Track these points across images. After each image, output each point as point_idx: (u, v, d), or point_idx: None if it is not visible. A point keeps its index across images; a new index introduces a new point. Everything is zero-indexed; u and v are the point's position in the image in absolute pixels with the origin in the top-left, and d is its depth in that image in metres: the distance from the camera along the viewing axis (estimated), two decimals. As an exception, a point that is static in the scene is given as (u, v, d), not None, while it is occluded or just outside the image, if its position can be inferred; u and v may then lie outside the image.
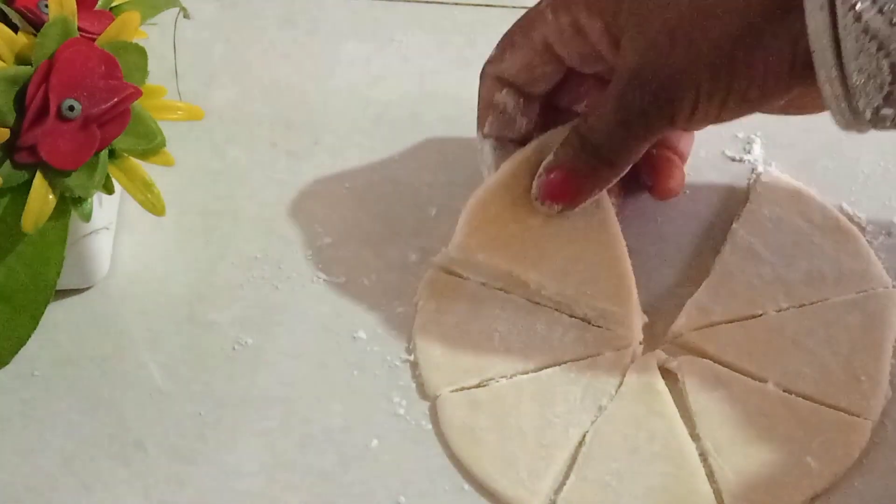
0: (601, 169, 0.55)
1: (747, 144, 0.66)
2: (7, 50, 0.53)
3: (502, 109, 0.58)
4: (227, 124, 0.68)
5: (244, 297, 0.61)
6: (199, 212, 0.64)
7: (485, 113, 0.59)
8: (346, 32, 0.72)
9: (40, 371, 0.59)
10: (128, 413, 0.58)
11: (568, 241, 0.58)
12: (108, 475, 0.56)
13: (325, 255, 0.63)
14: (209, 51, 0.71)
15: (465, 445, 0.56)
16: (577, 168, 0.55)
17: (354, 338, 0.60)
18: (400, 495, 0.55)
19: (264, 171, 0.66)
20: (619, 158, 0.55)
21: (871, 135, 0.65)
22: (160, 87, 0.57)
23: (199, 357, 0.59)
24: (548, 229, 0.58)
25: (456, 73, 0.70)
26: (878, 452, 0.55)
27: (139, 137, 0.55)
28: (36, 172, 0.53)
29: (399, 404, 0.58)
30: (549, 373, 0.57)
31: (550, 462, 0.55)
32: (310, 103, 0.69)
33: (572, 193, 0.56)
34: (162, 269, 0.62)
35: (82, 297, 0.61)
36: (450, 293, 0.60)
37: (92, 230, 0.58)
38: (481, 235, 0.58)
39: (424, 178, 0.65)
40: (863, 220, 0.62)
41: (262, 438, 0.57)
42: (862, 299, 0.59)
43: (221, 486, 0.55)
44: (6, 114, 0.52)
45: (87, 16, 0.55)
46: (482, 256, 0.58)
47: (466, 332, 0.59)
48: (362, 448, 0.56)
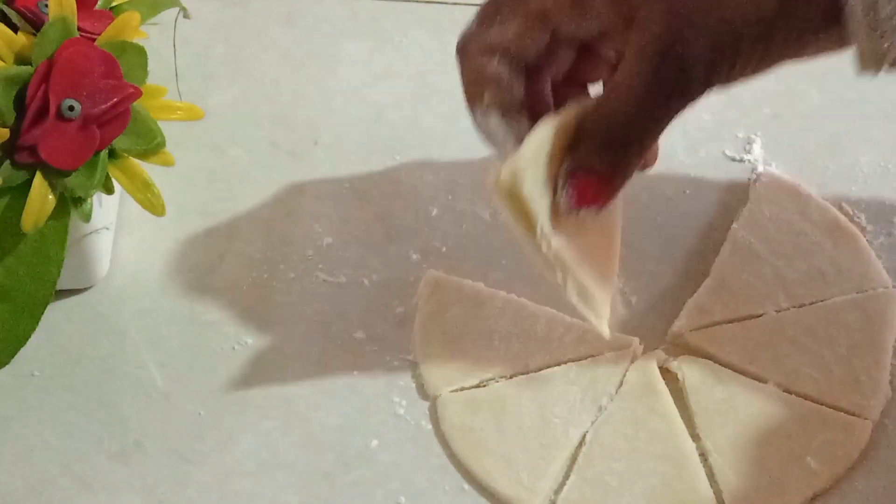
0: (630, 154, 0.50)
1: (747, 144, 0.66)
2: (7, 50, 0.53)
3: (498, 80, 0.53)
4: (227, 124, 0.68)
5: (244, 297, 0.61)
6: (199, 212, 0.64)
7: (476, 88, 0.54)
8: (346, 32, 0.72)
9: (40, 371, 0.59)
10: (128, 413, 0.58)
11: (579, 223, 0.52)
12: (108, 475, 0.56)
13: (325, 255, 0.63)
14: (209, 51, 0.71)
15: (465, 445, 0.56)
16: (604, 162, 0.51)
17: (354, 338, 0.60)
18: (400, 495, 0.55)
19: (264, 171, 0.66)
20: (649, 137, 0.50)
21: (872, 135, 0.65)
22: (160, 87, 0.57)
23: (199, 357, 0.59)
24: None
25: (456, 73, 0.69)
26: (878, 452, 0.55)
27: (139, 137, 0.55)
28: (36, 172, 0.53)
29: (399, 404, 0.58)
30: (548, 373, 0.57)
31: (550, 462, 0.55)
32: (310, 103, 0.69)
33: (606, 191, 0.51)
34: (162, 269, 0.62)
35: (82, 297, 0.61)
36: (450, 293, 0.60)
37: (92, 230, 0.58)
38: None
39: (424, 178, 0.65)
40: (863, 220, 0.62)
41: (262, 438, 0.57)
42: (862, 299, 0.59)
43: (221, 486, 0.55)
44: (6, 114, 0.52)
45: (87, 16, 0.55)
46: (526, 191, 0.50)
47: (466, 332, 0.59)
48: (362, 448, 0.56)
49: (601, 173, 0.50)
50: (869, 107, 0.67)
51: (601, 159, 0.50)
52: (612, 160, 0.51)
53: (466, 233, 0.63)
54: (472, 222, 0.64)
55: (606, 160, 0.50)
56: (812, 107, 0.67)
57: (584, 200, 0.51)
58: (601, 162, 0.50)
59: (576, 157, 0.51)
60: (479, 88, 0.54)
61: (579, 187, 0.51)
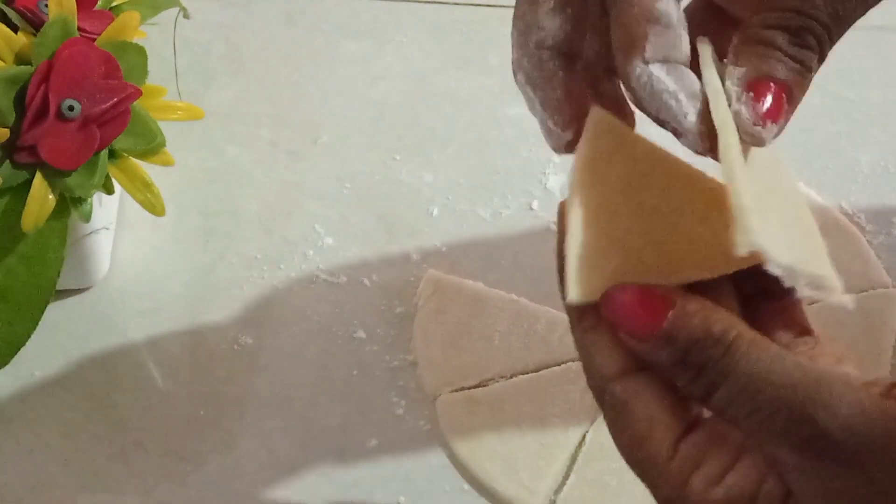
0: (810, 59, 0.41)
1: (747, 144, 0.66)
2: (7, 50, 0.53)
3: (666, 23, 0.41)
4: (227, 124, 0.68)
5: (244, 297, 0.61)
6: (199, 212, 0.64)
7: (640, 32, 0.41)
8: (346, 32, 0.72)
9: (40, 371, 0.59)
10: (128, 413, 0.58)
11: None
12: (108, 475, 0.56)
13: (325, 255, 0.63)
14: (209, 51, 0.71)
15: (465, 445, 0.56)
16: (783, 67, 0.40)
17: (354, 338, 0.60)
18: (400, 495, 0.55)
19: (264, 171, 0.66)
20: (834, 39, 0.41)
21: (872, 135, 0.65)
22: (160, 87, 0.57)
23: (199, 357, 0.59)
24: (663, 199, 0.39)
25: (456, 73, 0.70)
26: (877, 452, 0.55)
27: (139, 137, 0.55)
28: (36, 172, 0.53)
29: (399, 404, 0.58)
30: (548, 373, 0.57)
31: (550, 462, 0.55)
32: (310, 103, 0.69)
33: (789, 103, 0.40)
34: (162, 269, 0.62)
35: (82, 297, 0.61)
36: (450, 293, 0.60)
37: (92, 230, 0.58)
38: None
39: (424, 178, 0.65)
40: (863, 219, 0.62)
41: (262, 438, 0.57)
42: (862, 299, 0.59)
43: (221, 486, 0.55)
44: (6, 114, 0.52)
45: (87, 16, 0.55)
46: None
47: (466, 332, 0.59)
48: (362, 448, 0.56)
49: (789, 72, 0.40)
50: (869, 107, 0.67)
51: (788, 54, 0.40)
52: (799, 57, 0.40)
53: (466, 233, 0.63)
54: (472, 222, 0.64)
55: (797, 54, 0.40)
56: (812, 107, 0.67)
57: (772, 113, 0.40)
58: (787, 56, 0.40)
59: (751, 60, 0.40)
60: (643, 31, 0.41)
61: (761, 95, 0.40)
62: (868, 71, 0.69)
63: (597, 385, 0.39)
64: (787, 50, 0.40)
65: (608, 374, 0.39)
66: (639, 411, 0.38)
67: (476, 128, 0.67)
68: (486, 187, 0.65)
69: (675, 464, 0.37)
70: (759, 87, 0.40)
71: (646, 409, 0.38)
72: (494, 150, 0.67)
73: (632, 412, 0.38)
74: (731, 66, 0.40)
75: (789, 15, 0.40)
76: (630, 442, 0.38)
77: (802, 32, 0.40)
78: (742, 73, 0.40)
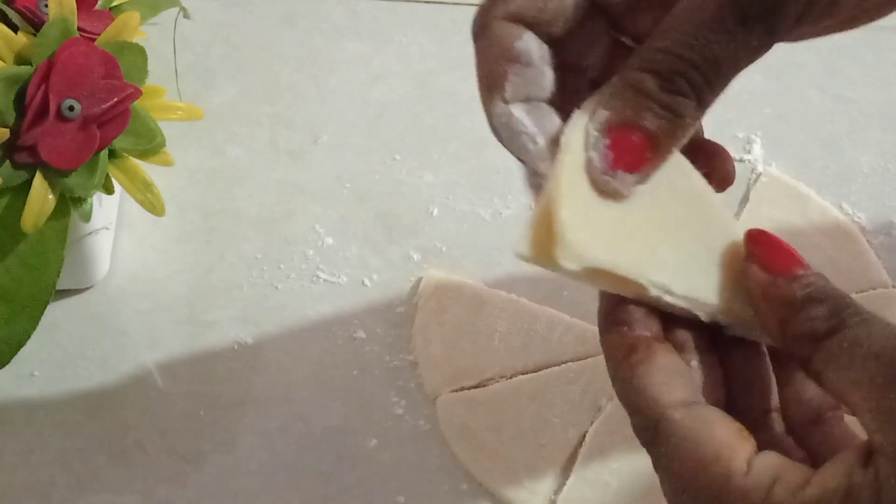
0: (685, 107, 0.38)
1: (747, 144, 0.66)
2: (7, 50, 0.53)
3: (527, 61, 0.40)
4: (227, 124, 0.68)
5: (244, 297, 0.61)
6: (199, 212, 0.64)
7: (499, 71, 0.40)
8: (346, 32, 0.72)
9: (40, 371, 0.59)
10: (128, 413, 0.58)
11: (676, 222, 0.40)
12: (108, 475, 0.56)
13: (325, 255, 0.63)
14: (209, 51, 0.71)
15: (465, 445, 0.56)
16: (651, 115, 0.38)
17: (354, 338, 0.60)
18: (399, 495, 0.55)
19: (264, 171, 0.66)
20: (715, 84, 0.38)
21: (872, 135, 0.65)
22: (160, 87, 0.57)
23: (199, 357, 0.59)
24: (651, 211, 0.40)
25: (456, 73, 0.70)
26: (877, 452, 0.55)
27: (139, 137, 0.55)
28: (36, 172, 0.53)
29: (398, 404, 0.58)
30: (548, 373, 0.57)
31: (550, 462, 0.55)
32: (310, 103, 0.69)
33: (652, 152, 0.39)
34: (162, 269, 0.62)
35: (82, 297, 0.61)
36: (450, 293, 0.60)
37: (92, 230, 0.58)
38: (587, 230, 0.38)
39: (424, 178, 0.65)
40: (863, 219, 0.62)
41: (262, 438, 0.57)
42: (862, 299, 0.59)
43: (221, 486, 0.55)
44: (6, 114, 0.52)
45: (87, 16, 0.55)
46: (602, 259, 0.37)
47: (466, 332, 0.59)
48: (362, 448, 0.56)
49: (646, 122, 0.39)
50: (869, 107, 0.67)
51: (645, 105, 0.39)
52: (663, 107, 0.39)
53: (466, 233, 0.63)
54: (472, 222, 0.64)
55: (656, 106, 0.39)
56: (812, 107, 0.67)
57: (625, 161, 0.39)
58: (643, 108, 0.39)
59: (613, 107, 0.39)
60: (502, 70, 0.41)
61: (619, 144, 0.39)
62: (868, 71, 0.69)
63: (651, 416, 0.38)
64: (656, 96, 0.38)
65: (667, 403, 0.37)
66: (706, 436, 0.37)
67: (476, 128, 0.67)
68: (486, 187, 0.65)
69: (752, 478, 0.36)
70: (619, 134, 0.39)
71: (713, 433, 0.37)
72: (494, 150, 0.66)
73: (697, 437, 0.37)
74: (600, 107, 0.38)
75: (660, 57, 0.38)
76: (695, 466, 0.37)
77: (674, 77, 0.38)
78: (605, 118, 0.38)
